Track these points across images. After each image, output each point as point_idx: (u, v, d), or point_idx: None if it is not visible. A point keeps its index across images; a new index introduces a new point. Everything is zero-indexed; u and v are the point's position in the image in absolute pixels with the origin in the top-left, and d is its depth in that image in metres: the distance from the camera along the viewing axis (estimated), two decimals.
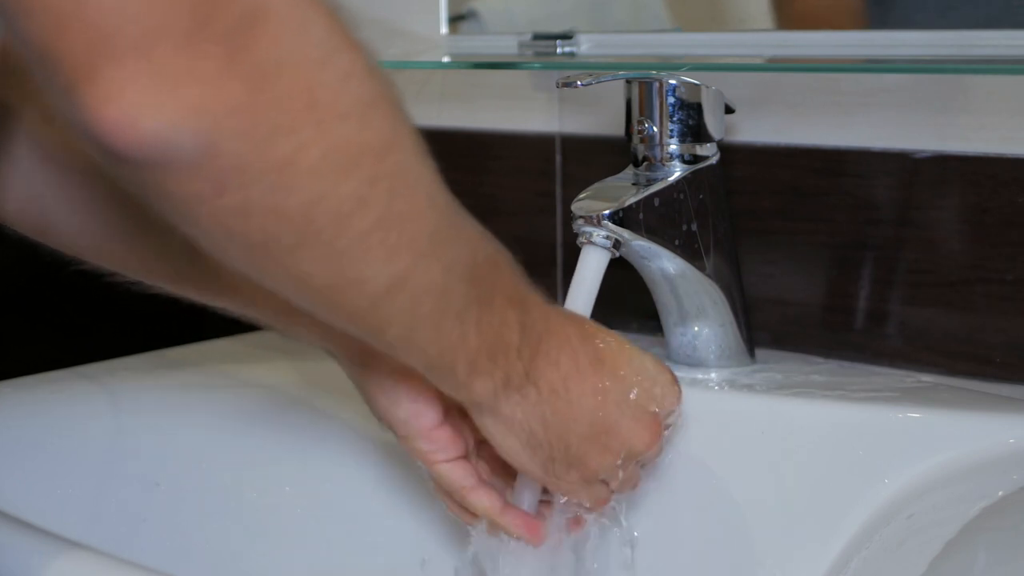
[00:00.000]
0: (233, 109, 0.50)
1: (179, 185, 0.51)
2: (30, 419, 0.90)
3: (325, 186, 0.54)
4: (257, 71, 0.50)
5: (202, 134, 0.49)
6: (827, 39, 0.97)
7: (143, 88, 0.48)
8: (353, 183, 0.55)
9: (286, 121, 0.51)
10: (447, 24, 1.15)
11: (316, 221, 0.55)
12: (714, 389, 0.87)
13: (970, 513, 0.70)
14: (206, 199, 0.52)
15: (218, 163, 0.50)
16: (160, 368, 0.98)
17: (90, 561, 0.66)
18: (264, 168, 0.52)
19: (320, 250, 0.56)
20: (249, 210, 0.53)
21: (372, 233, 0.57)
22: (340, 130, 0.53)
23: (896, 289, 0.92)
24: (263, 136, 0.51)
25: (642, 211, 0.84)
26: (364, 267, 0.58)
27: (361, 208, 0.56)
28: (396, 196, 0.57)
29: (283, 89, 0.51)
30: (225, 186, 0.51)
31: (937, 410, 0.81)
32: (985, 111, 0.88)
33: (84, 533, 0.74)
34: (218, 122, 0.49)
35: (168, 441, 0.91)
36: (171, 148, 0.49)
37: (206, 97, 0.49)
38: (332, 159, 0.53)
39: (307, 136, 0.52)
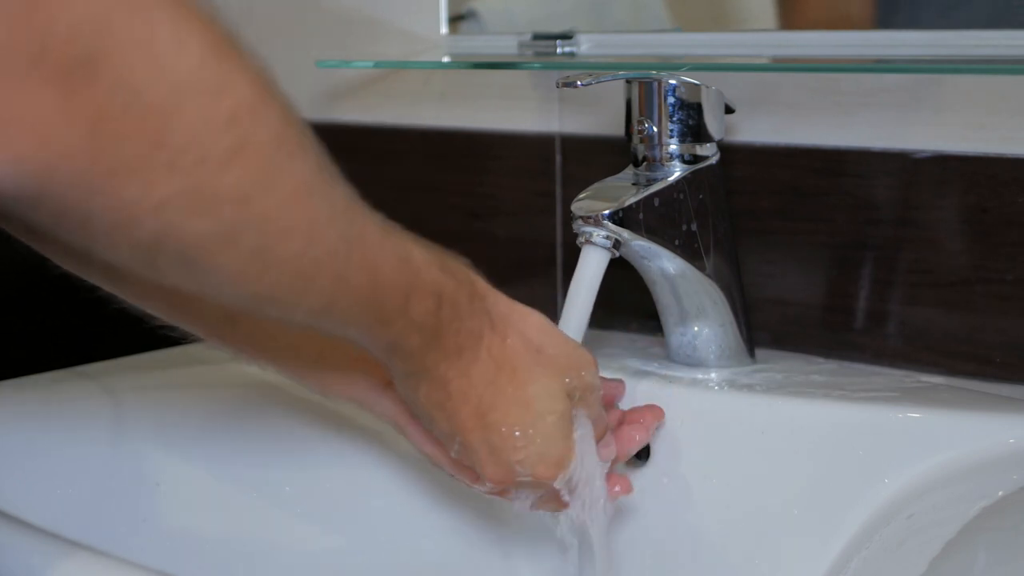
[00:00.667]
0: (65, 156, 0.47)
1: (20, 213, 0.49)
2: (30, 419, 0.90)
3: (175, 222, 0.51)
4: (97, 114, 0.47)
5: (29, 181, 0.46)
6: (827, 39, 0.97)
7: None
8: (208, 224, 0.52)
9: (129, 162, 0.48)
10: (447, 24, 1.15)
11: (169, 257, 0.52)
12: (714, 389, 0.87)
13: (970, 513, 0.70)
14: (55, 226, 0.50)
15: (52, 205, 0.48)
16: (160, 368, 0.98)
17: (90, 561, 0.66)
18: (105, 206, 0.49)
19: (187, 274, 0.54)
20: (99, 238, 0.51)
21: (245, 264, 0.55)
22: (196, 174, 0.50)
23: (896, 289, 0.92)
24: (102, 178, 0.48)
25: (642, 211, 0.84)
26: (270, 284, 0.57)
27: (219, 247, 0.53)
28: (269, 237, 0.55)
29: (128, 131, 0.48)
30: (67, 219, 0.49)
31: (937, 410, 0.81)
32: (985, 111, 0.88)
33: (84, 533, 0.74)
34: (48, 169, 0.46)
35: (168, 441, 0.91)
36: (7, 192, 0.46)
37: (34, 144, 0.46)
38: (183, 201, 0.50)
39: (154, 177, 0.49)
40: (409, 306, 0.64)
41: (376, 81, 1.18)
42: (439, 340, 0.67)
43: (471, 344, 0.68)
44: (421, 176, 1.14)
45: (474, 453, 0.71)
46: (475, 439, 0.70)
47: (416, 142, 1.15)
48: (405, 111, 1.16)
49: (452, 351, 0.68)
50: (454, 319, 0.67)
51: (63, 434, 0.89)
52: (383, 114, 1.17)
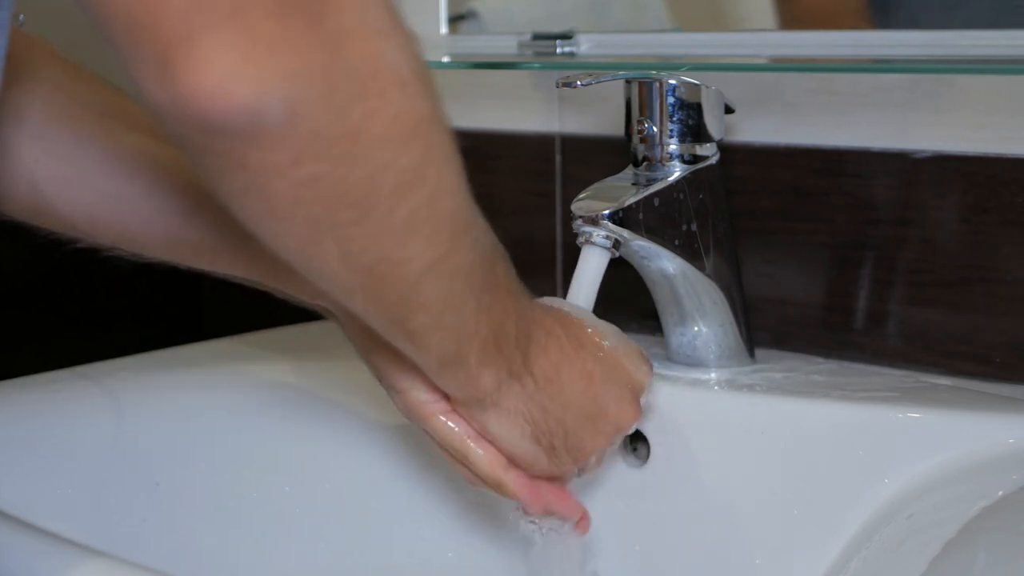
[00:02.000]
0: (316, 75, 0.51)
1: (261, 155, 0.52)
2: (30, 419, 0.90)
3: (388, 156, 0.55)
4: (332, 39, 0.51)
5: (289, 100, 0.50)
6: (827, 39, 0.97)
7: (239, 56, 0.49)
8: (412, 154, 0.57)
9: (356, 88, 0.53)
10: (447, 24, 1.15)
11: (378, 193, 0.56)
12: (714, 389, 0.87)
13: (970, 513, 0.70)
14: (283, 170, 0.53)
15: (301, 129, 0.52)
16: (160, 368, 0.98)
17: (90, 561, 0.66)
18: (339, 135, 0.53)
19: (376, 225, 0.57)
20: (320, 181, 0.54)
21: (423, 208, 0.58)
22: (400, 100, 0.55)
23: (896, 289, 0.92)
24: (340, 102, 0.52)
25: (642, 211, 0.84)
26: (412, 243, 0.59)
27: (417, 181, 0.58)
28: (443, 171, 0.59)
29: (353, 57, 0.52)
30: (303, 155, 0.53)
31: (937, 410, 0.81)
32: (985, 111, 0.88)
33: (84, 533, 0.74)
34: (304, 88, 0.51)
35: (168, 441, 0.91)
36: (262, 114, 0.50)
37: (294, 64, 0.50)
38: (395, 128, 0.55)
39: (373, 104, 0.54)
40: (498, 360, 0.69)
41: None
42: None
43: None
44: None
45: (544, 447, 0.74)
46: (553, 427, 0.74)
47: None
48: None
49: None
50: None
51: (63, 434, 0.89)
52: None
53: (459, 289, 0.64)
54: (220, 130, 0.50)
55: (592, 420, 0.75)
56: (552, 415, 0.73)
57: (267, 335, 1.02)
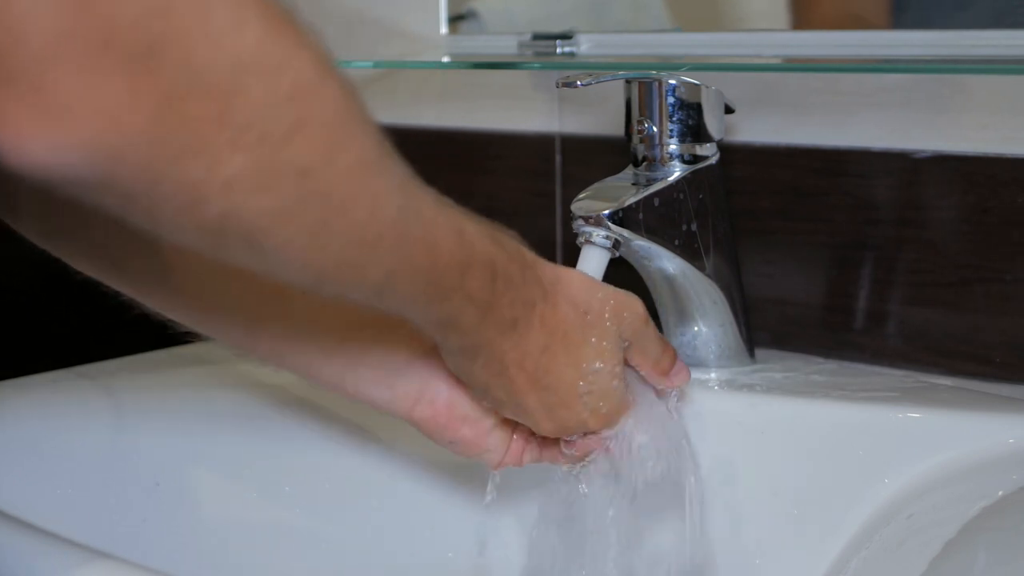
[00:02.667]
0: (132, 139, 0.47)
1: (89, 198, 0.50)
2: (30, 419, 0.90)
3: (240, 200, 0.52)
4: (162, 97, 0.47)
5: (98, 165, 0.47)
6: (827, 39, 0.97)
7: (32, 117, 0.46)
8: (272, 200, 0.53)
9: (194, 143, 0.49)
10: (447, 24, 1.15)
11: (235, 236, 0.53)
12: (714, 389, 0.87)
13: (970, 513, 0.70)
14: (122, 209, 0.51)
15: (121, 187, 0.49)
16: (160, 368, 0.98)
17: (90, 561, 0.66)
18: (172, 188, 0.50)
19: (253, 251, 0.55)
20: (166, 220, 0.52)
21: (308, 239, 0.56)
22: (259, 151, 0.51)
23: (896, 289, 0.92)
24: (168, 160, 0.49)
25: (642, 211, 0.84)
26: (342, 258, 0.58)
27: (283, 222, 0.54)
28: (331, 211, 0.56)
29: (192, 112, 0.48)
30: (135, 202, 0.50)
31: (937, 410, 0.81)
32: (985, 111, 0.88)
33: (84, 533, 0.74)
34: (115, 154, 0.47)
35: (168, 441, 0.91)
36: (67, 175, 0.47)
37: (102, 129, 0.47)
38: (248, 178, 0.51)
39: (218, 156, 0.50)
40: (465, 280, 0.65)
41: (376, 81, 1.18)
42: (494, 313, 0.68)
43: (524, 314, 0.70)
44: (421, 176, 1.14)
45: (531, 414, 0.73)
46: (531, 401, 0.72)
47: (416, 142, 1.15)
48: (405, 111, 1.16)
49: (507, 323, 0.69)
50: (508, 291, 0.68)
51: (63, 434, 0.89)
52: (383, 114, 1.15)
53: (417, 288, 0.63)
54: (31, 178, 0.47)
55: (580, 397, 0.73)
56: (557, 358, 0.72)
57: None
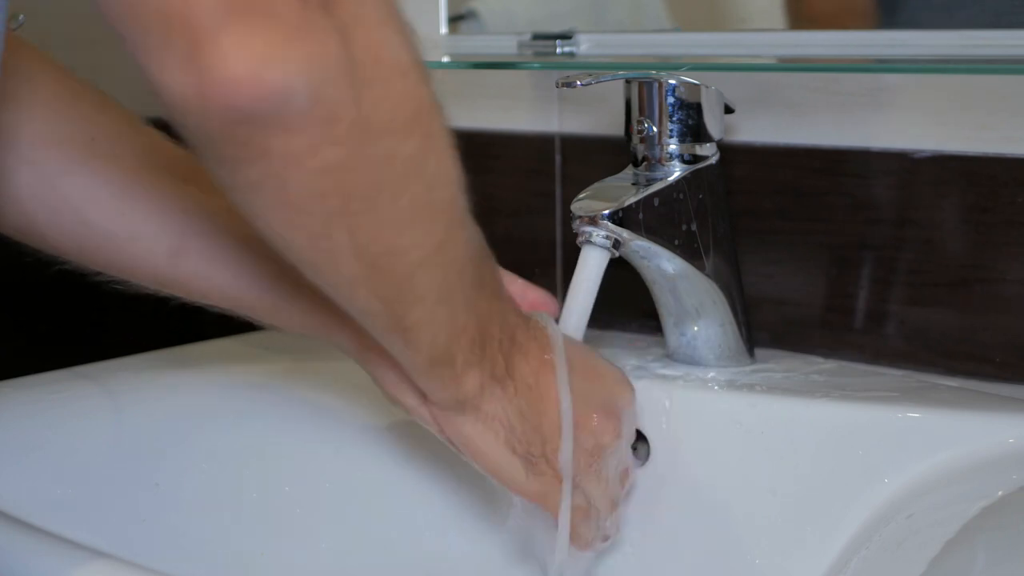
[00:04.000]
0: (333, 60, 0.53)
1: (282, 141, 0.53)
2: (30, 419, 0.90)
3: (394, 143, 0.57)
4: (343, 26, 0.53)
5: (312, 84, 0.52)
6: (827, 39, 0.97)
7: (266, 42, 0.50)
8: (415, 140, 0.58)
9: (365, 74, 0.54)
10: (447, 24, 1.15)
11: (384, 181, 0.57)
12: (714, 389, 0.87)
13: (970, 513, 0.70)
14: (301, 158, 0.54)
15: (321, 113, 0.53)
16: (160, 368, 0.98)
17: (90, 561, 0.66)
18: (352, 120, 0.54)
19: (381, 214, 0.58)
20: (334, 169, 0.55)
21: (423, 196, 0.60)
22: (402, 87, 0.57)
23: (896, 289, 0.92)
24: (352, 88, 0.54)
25: (642, 211, 0.84)
26: (412, 232, 0.60)
27: (420, 167, 0.59)
28: (440, 160, 0.61)
29: (360, 44, 0.54)
30: (321, 141, 0.54)
31: (937, 410, 0.81)
32: (985, 111, 0.88)
33: (84, 533, 0.74)
34: (324, 72, 0.52)
35: (168, 441, 0.91)
36: (288, 98, 0.51)
37: (316, 49, 0.52)
38: (399, 115, 0.57)
39: (379, 91, 0.55)
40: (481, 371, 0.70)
41: None
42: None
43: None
44: None
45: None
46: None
47: None
48: None
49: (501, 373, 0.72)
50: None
51: (63, 434, 0.89)
52: None
53: (452, 282, 0.65)
54: (247, 117, 0.51)
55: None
56: (529, 420, 0.72)
57: (267, 335, 1.02)
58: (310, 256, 0.59)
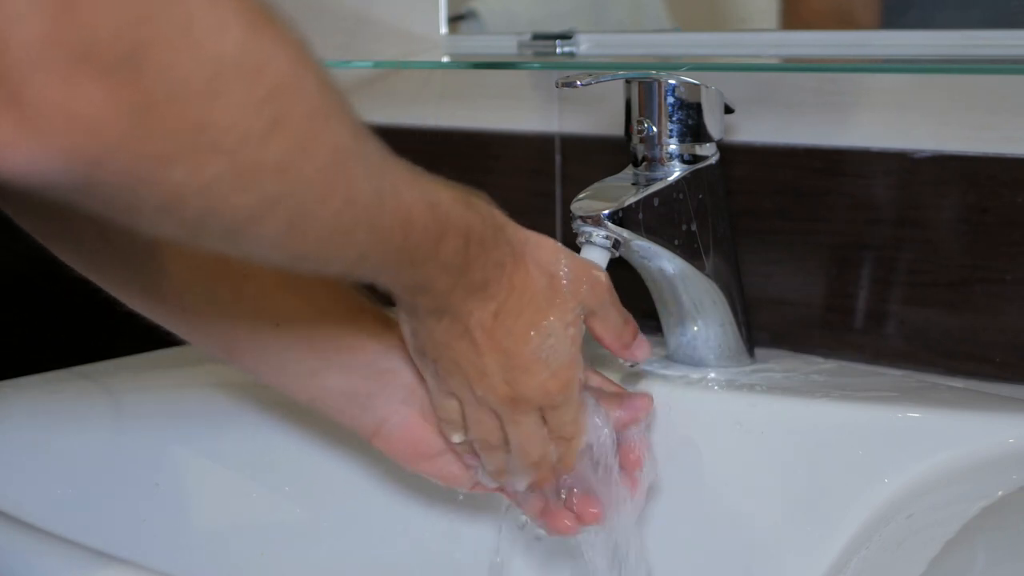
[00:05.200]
0: (112, 147, 0.47)
1: (70, 201, 0.50)
2: (30, 419, 0.90)
3: (219, 200, 0.52)
4: (142, 104, 0.47)
5: (78, 173, 0.47)
6: (827, 39, 0.97)
7: (11, 126, 0.46)
8: (251, 198, 0.53)
9: (173, 149, 0.49)
10: (447, 24, 1.15)
11: (213, 231, 0.54)
12: (714, 389, 0.87)
13: (970, 513, 0.70)
14: (104, 210, 0.51)
15: (102, 193, 0.49)
16: (160, 368, 0.98)
17: (90, 561, 0.66)
18: (152, 191, 0.50)
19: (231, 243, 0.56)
20: (146, 220, 0.53)
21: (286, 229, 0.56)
22: (238, 152, 0.51)
23: (896, 289, 0.92)
24: (148, 166, 0.49)
25: (642, 211, 0.84)
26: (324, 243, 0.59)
27: (261, 216, 0.55)
28: (309, 203, 0.56)
29: (172, 118, 0.48)
30: (115, 204, 0.51)
31: (937, 410, 0.81)
32: (985, 111, 0.88)
33: (84, 533, 0.74)
34: (95, 161, 0.47)
35: (168, 441, 0.91)
36: (47, 182, 0.47)
37: (80, 138, 0.47)
38: (227, 179, 0.52)
39: (198, 160, 0.50)
40: (439, 249, 0.66)
41: (376, 81, 1.18)
42: (466, 276, 0.69)
43: (495, 275, 0.71)
44: None
45: (488, 378, 0.73)
46: (490, 363, 0.72)
47: (416, 142, 1.15)
48: (405, 111, 1.16)
49: (478, 285, 0.70)
50: (480, 254, 0.69)
51: (63, 434, 0.89)
52: (383, 114, 1.17)
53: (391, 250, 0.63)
54: (25, 186, 0.47)
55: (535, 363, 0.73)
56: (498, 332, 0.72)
57: None
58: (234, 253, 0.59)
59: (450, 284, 0.68)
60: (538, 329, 0.72)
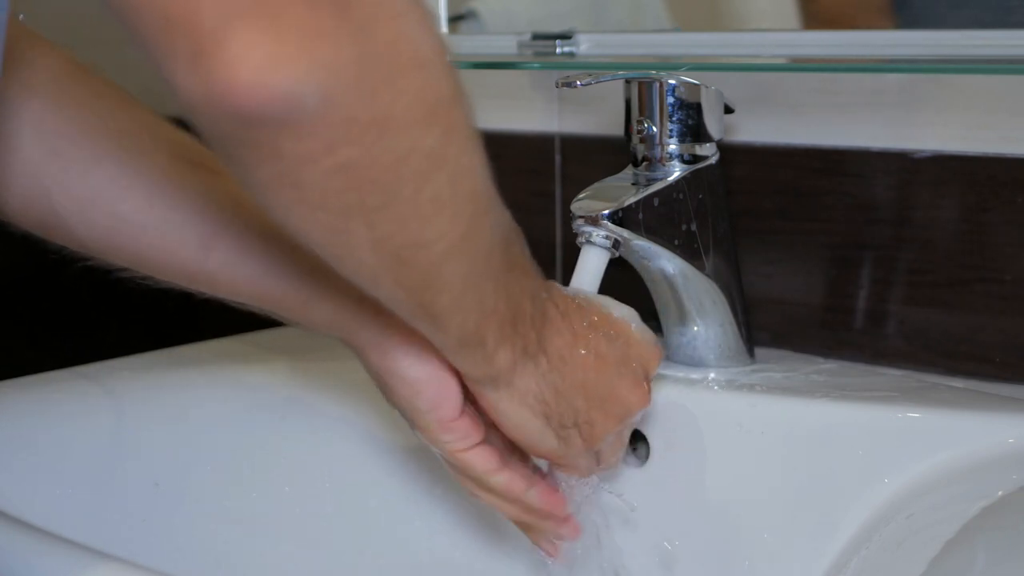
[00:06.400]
0: (347, 62, 0.52)
1: (295, 143, 0.52)
2: (30, 419, 0.90)
3: (414, 138, 0.56)
4: (358, 24, 0.52)
5: (323, 87, 0.51)
6: (827, 39, 0.97)
7: (273, 46, 0.50)
8: (434, 135, 0.57)
9: (383, 72, 0.53)
10: (447, 24, 1.15)
11: (404, 176, 0.57)
12: (714, 389, 0.87)
13: (970, 513, 0.70)
14: (316, 158, 0.53)
15: (335, 116, 0.52)
16: (160, 368, 0.98)
17: (90, 561, 0.66)
18: (369, 120, 0.54)
19: (402, 208, 0.58)
20: (351, 167, 0.54)
21: (445, 188, 0.59)
22: (421, 81, 0.56)
23: (896, 289, 0.92)
24: (369, 87, 0.53)
25: (641, 211, 0.84)
26: (435, 225, 0.60)
27: (440, 162, 0.58)
28: (462, 151, 0.60)
29: (378, 41, 0.53)
30: (336, 142, 0.53)
31: (937, 410, 0.81)
32: (984, 111, 0.88)
33: (84, 533, 0.74)
34: (336, 75, 0.51)
35: (168, 441, 0.91)
36: (297, 103, 0.51)
37: (326, 51, 0.51)
38: (418, 109, 0.56)
39: (398, 87, 0.54)
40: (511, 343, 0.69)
41: None
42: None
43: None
44: None
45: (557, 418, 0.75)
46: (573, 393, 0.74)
47: None
48: None
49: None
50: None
51: (63, 434, 0.89)
52: None
53: (479, 269, 0.64)
54: (256, 120, 0.51)
55: (602, 401, 0.75)
56: (563, 395, 0.73)
57: (266, 335, 1.02)
58: (330, 249, 0.59)
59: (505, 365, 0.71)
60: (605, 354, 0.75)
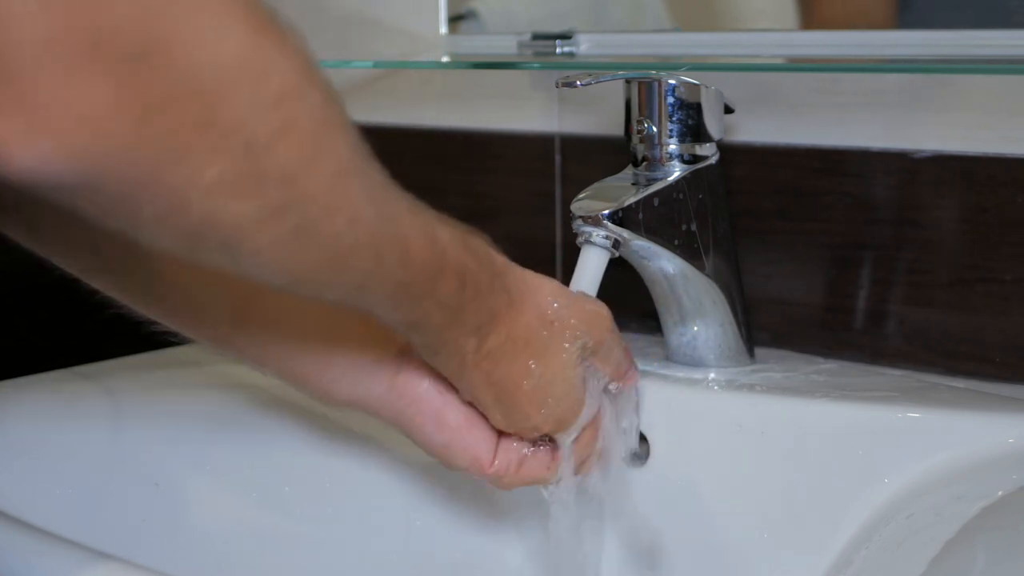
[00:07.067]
0: (117, 147, 0.47)
1: (71, 203, 0.49)
2: (30, 419, 0.90)
3: (221, 206, 0.51)
4: (147, 104, 0.47)
5: (82, 173, 0.47)
6: (827, 39, 0.97)
7: (16, 125, 0.45)
8: (253, 206, 0.53)
9: (177, 150, 0.48)
10: (446, 24, 1.15)
11: (212, 241, 0.53)
12: (714, 389, 0.87)
13: (970, 513, 0.70)
14: (104, 214, 0.51)
15: (104, 193, 0.48)
16: (160, 368, 0.98)
17: (91, 561, 0.66)
18: (155, 194, 0.49)
19: (230, 256, 0.55)
20: (146, 225, 0.51)
21: (287, 244, 0.55)
22: (243, 157, 0.51)
23: (896, 289, 0.92)
24: (151, 167, 0.48)
25: (641, 211, 0.84)
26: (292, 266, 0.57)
27: (263, 228, 0.54)
28: (310, 218, 0.55)
29: (176, 118, 0.48)
30: (117, 207, 0.50)
31: (937, 410, 0.81)
32: (984, 111, 0.88)
33: (84, 533, 0.74)
34: (97, 162, 0.47)
35: (168, 441, 0.91)
36: (51, 182, 0.46)
37: (85, 137, 0.46)
38: (230, 184, 0.51)
39: (201, 161, 0.49)
40: (436, 286, 0.66)
41: (376, 81, 1.18)
42: (460, 317, 0.69)
43: (488, 321, 0.70)
44: (421, 176, 1.14)
45: (487, 408, 0.74)
46: (487, 397, 0.73)
47: (416, 142, 1.15)
48: (405, 111, 1.16)
49: (471, 327, 0.70)
50: (475, 298, 0.69)
51: (63, 434, 0.89)
52: (383, 114, 1.17)
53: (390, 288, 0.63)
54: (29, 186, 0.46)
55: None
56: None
57: None
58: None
59: (443, 323, 0.68)
60: (532, 375, 0.73)
